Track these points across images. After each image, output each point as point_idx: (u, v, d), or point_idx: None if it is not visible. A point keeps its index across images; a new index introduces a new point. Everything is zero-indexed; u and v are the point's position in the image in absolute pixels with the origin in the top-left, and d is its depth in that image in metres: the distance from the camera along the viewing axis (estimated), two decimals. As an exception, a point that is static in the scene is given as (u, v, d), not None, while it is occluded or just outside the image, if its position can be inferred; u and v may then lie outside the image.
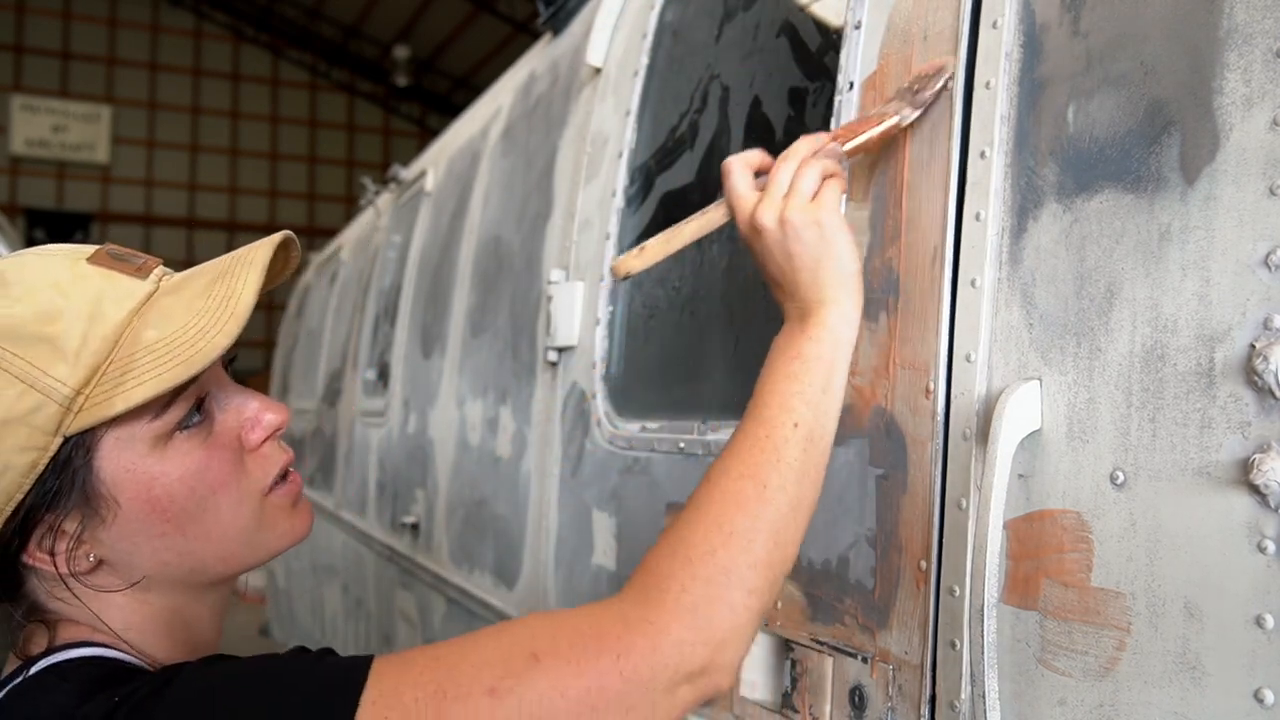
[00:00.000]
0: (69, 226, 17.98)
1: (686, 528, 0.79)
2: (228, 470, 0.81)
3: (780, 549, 0.79)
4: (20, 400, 0.72)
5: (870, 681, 1.01)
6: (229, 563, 0.84)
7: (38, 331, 0.73)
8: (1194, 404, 0.73)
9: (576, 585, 1.69)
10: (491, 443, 2.17)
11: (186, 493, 0.79)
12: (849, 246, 0.89)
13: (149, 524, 0.78)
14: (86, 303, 0.75)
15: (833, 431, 0.87)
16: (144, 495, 0.77)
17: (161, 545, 0.79)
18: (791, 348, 0.88)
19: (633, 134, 1.70)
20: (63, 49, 18.38)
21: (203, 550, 0.81)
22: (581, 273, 1.78)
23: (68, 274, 0.77)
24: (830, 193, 0.90)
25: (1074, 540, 0.82)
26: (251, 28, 19.64)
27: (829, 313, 0.88)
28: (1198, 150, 0.75)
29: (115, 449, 0.76)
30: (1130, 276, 0.79)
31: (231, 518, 0.82)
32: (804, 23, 1.33)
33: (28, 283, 0.76)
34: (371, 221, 4.27)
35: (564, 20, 2.32)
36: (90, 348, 0.73)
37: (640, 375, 1.63)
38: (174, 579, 0.82)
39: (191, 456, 0.79)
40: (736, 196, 0.93)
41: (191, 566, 0.82)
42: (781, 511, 0.80)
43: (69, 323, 0.74)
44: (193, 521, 0.80)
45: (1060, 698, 0.82)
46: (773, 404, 0.85)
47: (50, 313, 0.74)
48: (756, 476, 0.81)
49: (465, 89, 18.38)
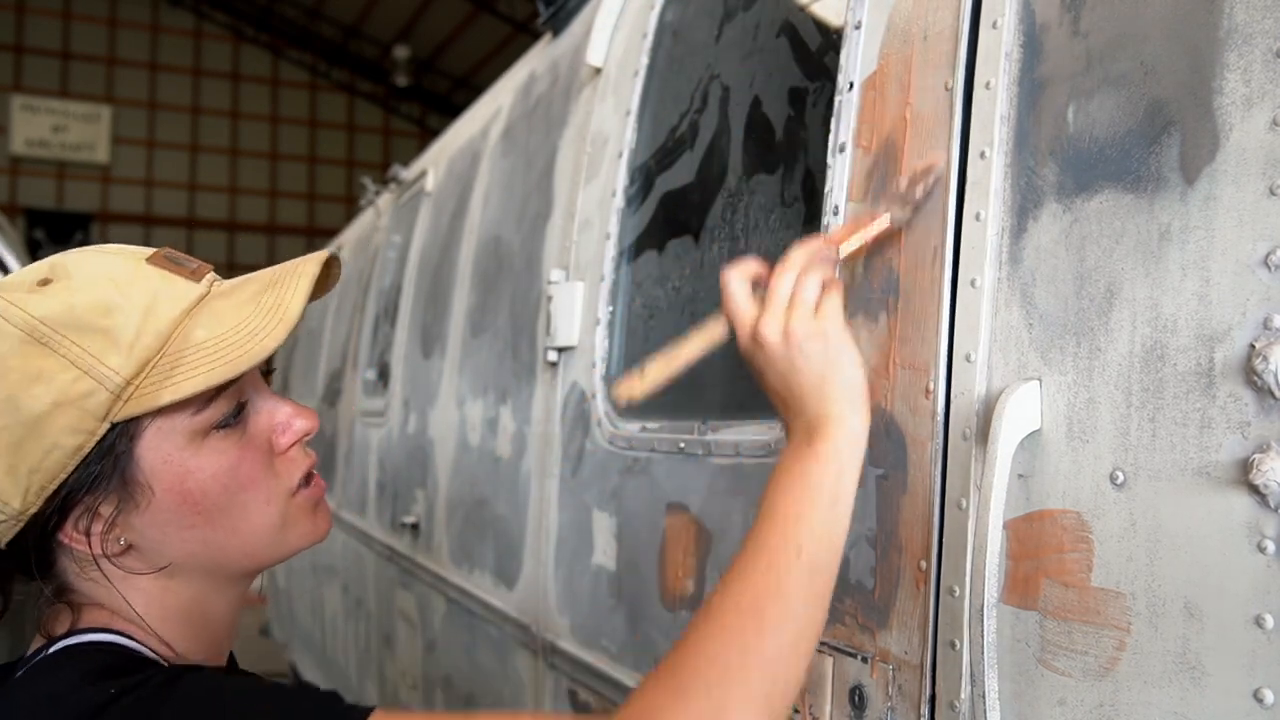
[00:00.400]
0: (69, 226, 17.97)
1: (684, 656, 0.76)
2: (258, 470, 0.85)
3: (779, 684, 0.76)
4: (74, 385, 0.76)
5: (870, 681, 1.01)
6: (252, 558, 0.88)
7: (95, 322, 0.77)
8: (1194, 404, 0.73)
9: (576, 585, 1.69)
10: (491, 443, 2.17)
11: (219, 489, 0.82)
12: (855, 359, 0.87)
13: (180, 514, 0.82)
14: (143, 299, 0.79)
15: (840, 552, 0.83)
16: (178, 487, 0.81)
17: (190, 536, 0.83)
18: (796, 466, 0.84)
19: (633, 134, 1.70)
20: (63, 49, 18.38)
21: (228, 543, 0.85)
22: (581, 273, 1.78)
23: (127, 271, 0.81)
24: (832, 303, 0.87)
25: (1074, 540, 0.82)
26: (251, 28, 19.64)
27: (836, 430, 0.84)
28: (1198, 150, 0.75)
29: (156, 439, 0.80)
30: (1130, 276, 0.79)
31: (259, 515, 0.85)
32: (804, 23, 1.33)
33: (88, 276, 0.80)
34: (371, 221, 4.28)
35: (564, 20, 2.32)
36: (143, 341, 0.77)
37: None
38: (198, 569, 0.85)
39: (226, 455, 0.83)
40: (737, 309, 0.90)
41: (216, 558, 0.85)
42: (782, 646, 0.76)
43: (125, 316, 0.78)
44: (223, 515, 0.83)
45: (1060, 698, 0.82)
46: (775, 530, 0.81)
47: (108, 305, 0.78)
48: (756, 609, 0.77)
49: (465, 89, 18.37)
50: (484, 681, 2.16)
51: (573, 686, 1.70)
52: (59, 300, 0.78)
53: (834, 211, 1.13)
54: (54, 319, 0.77)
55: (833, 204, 1.13)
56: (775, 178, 1.34)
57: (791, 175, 1.30)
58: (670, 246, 1.57)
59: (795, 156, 1.30)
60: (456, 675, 2.35)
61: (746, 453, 1.25)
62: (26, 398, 0.75)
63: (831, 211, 1.13)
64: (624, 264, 1.68)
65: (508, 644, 2.01)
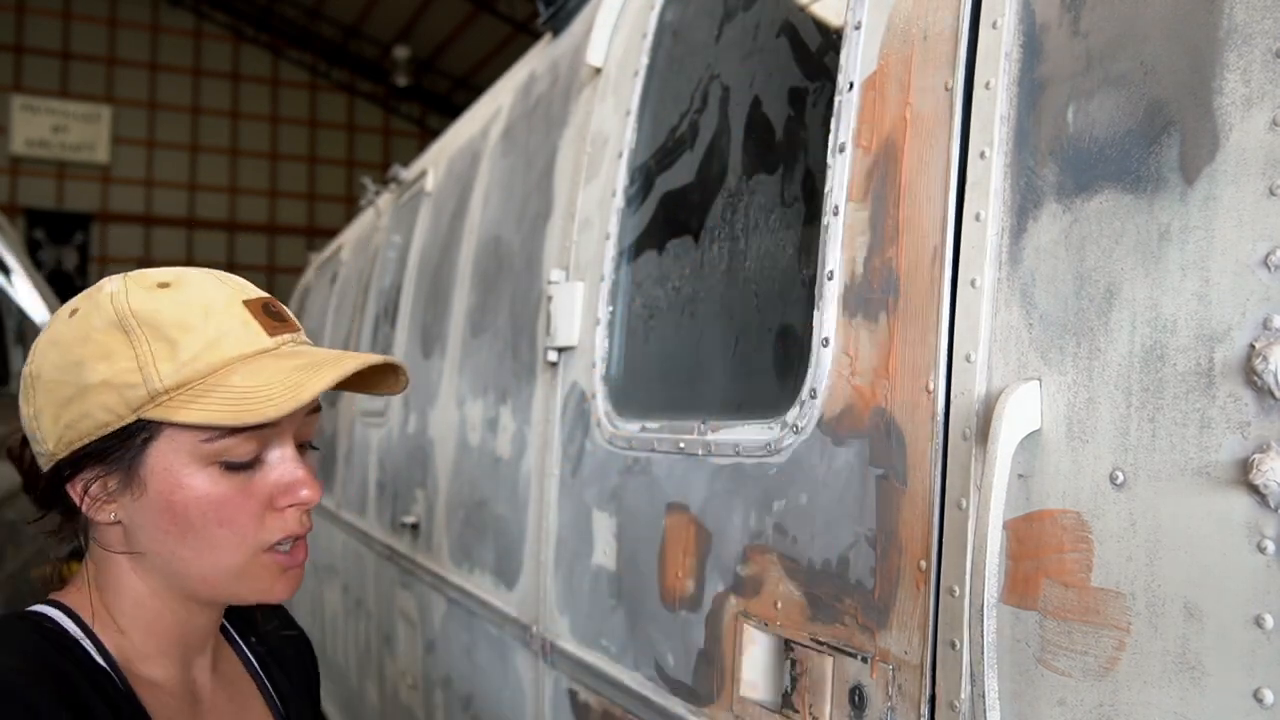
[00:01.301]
0: (69, 226, 17.99)
1: None
2: (243, 515, 0.92)
3: None
4: (127, 374, 0.87)
5: (870, 681, 1.01)
6: (207, 585, 0.94)
7: (169, 333, 0.88)
8: (1194, 404, 0.73)
9: (576, 585, 1.69)
10: (491, 443, 2.17)
11: (198, 512, 0.90)
12: None
13: (160, 519, 0.90)
14: (216, 332, 0.90)
15: None
16: (166, 495, 0.90)
17: (160, 539, 0.91)
18: None
19: (633, 134, 1.70)
20: (63, 49, 18.38)
21: (190, 564, 0.92)
22: (581, 273, 1.78)
23: (220, 304, 0.92)
24: None
25: (1074, 540, 0.82)
26: (251, 28, 19.63)
27: None
28: (1197, 150, 0.75)
29: (166, 447, 0.89)
30: (1130, 277, 0.79)
31: (225, 553, 0.92)
32: (804, 23, 1.33)
33: (191, 295, 0.91)
34: (371, 221, 4.28)
35: (564, 20, 2.32)
36: (194, 365, 0.88)
37: (640, 375, 1.63)
38: (160, 572, 0.94)
39: (219, 488, 0.91)
40: None
41: (177, 571, 0.93)
42: None
43: (194, 338, 0.88)
44: (194, 537, 0.91)
45: (1060, 698, 0.82)
46: None
47: (187, 324, 0.89)
48: None
49: (465, 89, 18.38)
50: (484, 681, 2.16)
51: (573, 686, 1.70)
52: (157, 303, 0.90)
53: (834, 211, 1.13)
54: (142, 316, 0.89)
55: (833, 204, 1.13)
56: (775, 178, 1.34)
57: (791, 175, 1.30)
58: (670, 246, 1.57)
59: (795, 156, 1.30)
60: (456, 675, 2.35)
61: (746, 453, 1.25)
62: (90, 367, 0.87)
63: (831, 211, 1.13)
64: (624, 264, 1.68)
65: (508, 644, 2.01)
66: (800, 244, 1.25)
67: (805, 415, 1.14)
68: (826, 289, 1.13)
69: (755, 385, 1.34)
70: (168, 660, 0.97)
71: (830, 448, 1.11)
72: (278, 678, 1.14)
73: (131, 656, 0.94)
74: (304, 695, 1.18)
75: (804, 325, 1.18)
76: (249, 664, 1.12)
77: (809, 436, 1.14)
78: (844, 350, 1.10)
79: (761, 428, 1.24)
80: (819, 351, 1.13)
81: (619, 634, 1.53)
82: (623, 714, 1.51)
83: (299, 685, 1.17)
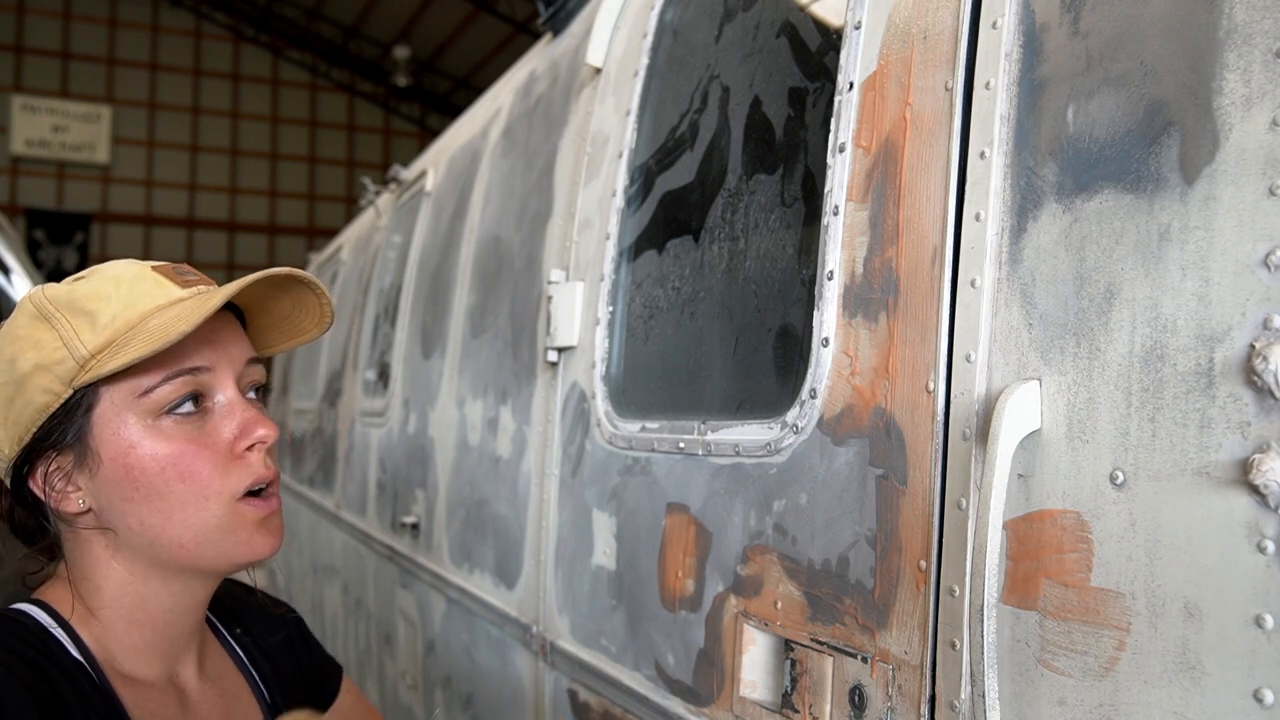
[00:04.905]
0: (69, 226, 17.99)
1: None
2: (202, 465, 0.92)
3: None
4: (54, 353, 0.90)
5: (870, 681, 1.01)
6: (184, 552, 0.94)
7: (85, 306, 0.92)
8: (1194, 404, 0.73)
9: (576, 585, 1.69)
10: (492, 443, 2.17)
11: (156, 469, 0.91)
12: None
13: (121, 486, 0.91)
14: (130, 294, 0.93)
15: None
16: (120, 459, 0.91)
17: (128, 509, 0.92)
18: None
19: (633, 134, 1.70)
20: (63, 49, 18.39)
21: (161, 529, 0.92)
22: (581, 273, 1.78)
23: (130, 273, 0.95)
24: None
25: (1074, 540, 0.82)
26: (251, 28, 19.64)
27: None
28: (1197, 150, 0.75)
29: (109, 411, 0.91)
30: (1130, 277, 0.79)
31: (195, 509, 0.92)
32: (804, 23, 1.33)
33: (101, 274, 0.96)
34: (371, 221, 4.28)
35: (564, 20, 2.32)
36: (113, 325, 0.91)
37: (640, 375, 1.63)
38: (137, 548, 0.94)
39: (171, 442, 0.92)
40: None
41: (151, 540, 0.93)
42: None
43: (109, 304, 0.92)
44: (159, 499, 0.91)
45: (1060, 698, 0.82)
46: None
47: (101, 294, 0.93)
48: None
49: (465, 89, 18.39)
50: (484, 681, 2.16)
51: (572, 686, 1.70)
52: (72, 288, 0.94)
53: (834, 211, 1.13)
54: (59, 301, 0.93)
55: (833, 204, 1.13)
56: (775, 178, 1.34)
57: (791, 175, 1.30)
58: (670, 246, 1.57)
59: (795, 156, 1.30)
60: (456, 675, 2.35)
61: (746, 453, 1.25)
62: (21, 360, 0.91)
63: (831, 211, 1.13)
64: (624, 264, 1.68)
65: (508, 644, 2.01)
66: (800, 244, 1.25)
67: (805, 415, 1.14)
68: (826, 289, 1.13)
69: (755, 385, 1.34)
70: (153, 656, 0.96)
71: (830, 448, 1.11)
72: (264, 668, 1.13)
73: (115, 652, 0.94)
74: (292, 681, 1.16)
75: (804, 325, 1.18)
76: (236, 657, 1.11)
77: (809, 436, 1.14)
78: (844, 350, 1.10)
79: (761, 428, 1.24)
80: (819, 351, 1.13)
81: (619, 634, 1.53)
82: (623, 714, 1.51)
83: (286, 671, 1.16)
